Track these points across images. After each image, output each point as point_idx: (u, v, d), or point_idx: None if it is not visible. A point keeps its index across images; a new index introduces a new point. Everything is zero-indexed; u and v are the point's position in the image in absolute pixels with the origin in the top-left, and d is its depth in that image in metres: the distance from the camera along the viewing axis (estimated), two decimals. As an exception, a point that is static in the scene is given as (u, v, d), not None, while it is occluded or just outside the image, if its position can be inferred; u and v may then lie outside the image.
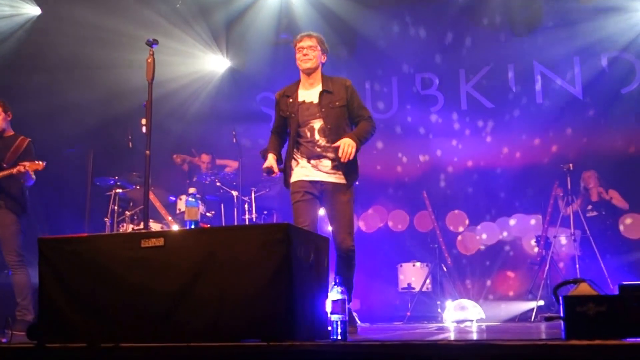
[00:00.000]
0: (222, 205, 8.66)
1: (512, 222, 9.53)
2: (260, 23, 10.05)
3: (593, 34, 9.22)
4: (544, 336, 3.84)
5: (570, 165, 8.42)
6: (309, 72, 5.18)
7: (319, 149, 5.08)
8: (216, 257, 3.55)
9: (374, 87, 10.41)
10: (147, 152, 4.66)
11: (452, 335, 4.82)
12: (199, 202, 4.32)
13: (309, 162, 5.10)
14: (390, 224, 10.11)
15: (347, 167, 5.05)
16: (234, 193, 8.47)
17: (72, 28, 9.21)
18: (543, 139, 9.45)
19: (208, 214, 8.27)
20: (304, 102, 5.16)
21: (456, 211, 9.82)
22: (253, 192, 8.55)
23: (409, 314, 8.36)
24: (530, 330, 5.45)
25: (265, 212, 8.72)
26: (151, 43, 4.92)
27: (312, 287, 3.69)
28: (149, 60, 4.87)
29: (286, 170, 5.22)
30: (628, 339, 2.89)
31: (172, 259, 3.64)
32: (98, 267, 3.76)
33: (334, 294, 3.56)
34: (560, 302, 3.13)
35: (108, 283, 3.73)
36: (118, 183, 8.37)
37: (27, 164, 6.18)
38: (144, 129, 4.77)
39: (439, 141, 9.98)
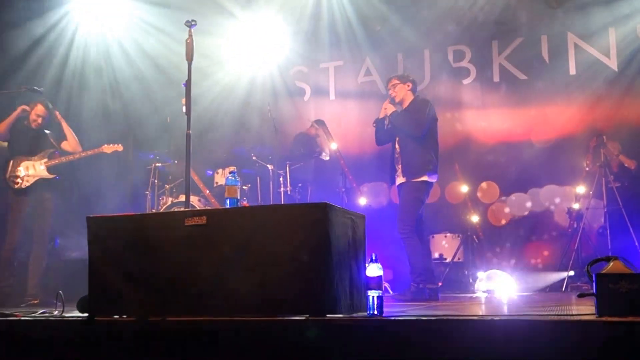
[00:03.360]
0: (258, 179, 8.72)
1: (543, 193, 9.52)
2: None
3: (629, 4, 9.09)
4: (575, 311, 3.91)
5: (604, 137, 8.41)
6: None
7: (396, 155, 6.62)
8: (257, 236, 3.67)
9: (406, 59, 10.38)
10: (188, 131, 4.75)
11: (484, 308, 4.91)
12: (238, 179, 4.43)
13: None
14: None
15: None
16: (270, 167, 8.55)
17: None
18: (576, 110, 9.34)
19: (244, 187, 8.38)
20: None
21: (488, 182, 9.83)
22: (288, 165, 8.63)
23: (440, 284, 8.44)
24: (561, 301, 5.49)
25: (300, 185, 8.77)
26: (190, 24, 4.94)
27: (350, 264, 3.79)
28: (188, 41, 4.90)
29: None
30: (660, 317, 2.97)
31: (215, 237, 3.77)
32: (144, 244, 3.90)
33: (371, 269, 3.66)
34: (593, 279, 3.21)
35: (154, 259, 3.87)
36: (157, 157, 8.55)
37: None
38: (184, 109, 4.86)
39: (471, 113, 9.96)
